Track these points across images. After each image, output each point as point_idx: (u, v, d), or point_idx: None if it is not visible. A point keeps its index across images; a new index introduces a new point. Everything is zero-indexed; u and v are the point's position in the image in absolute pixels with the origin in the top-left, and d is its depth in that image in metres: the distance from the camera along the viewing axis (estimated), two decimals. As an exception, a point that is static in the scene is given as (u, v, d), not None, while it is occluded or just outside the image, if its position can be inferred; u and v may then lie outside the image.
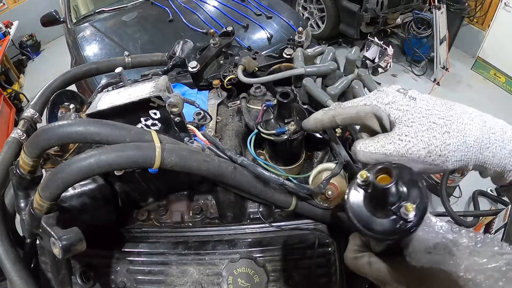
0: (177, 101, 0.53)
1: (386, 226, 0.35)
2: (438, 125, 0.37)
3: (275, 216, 0.68)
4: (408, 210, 0.33)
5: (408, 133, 0.37)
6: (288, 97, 0.58)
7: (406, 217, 0.33)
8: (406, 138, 0.37)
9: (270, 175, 0.56)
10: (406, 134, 0.37)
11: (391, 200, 0.34)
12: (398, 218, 0.34)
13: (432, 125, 0.37)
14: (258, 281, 0.60)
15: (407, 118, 0.38)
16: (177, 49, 0.93)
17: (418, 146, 0.37)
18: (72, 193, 0.60)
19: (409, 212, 0.33)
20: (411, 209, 0.33)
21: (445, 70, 3.93)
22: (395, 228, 0.34)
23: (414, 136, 0.37)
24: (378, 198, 0.35)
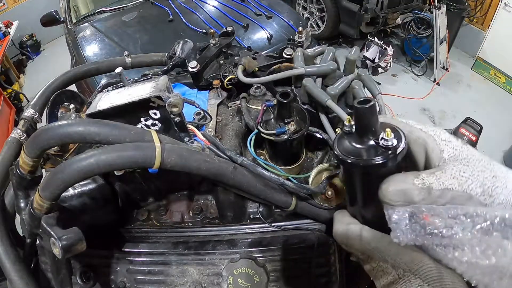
0: (177, 101, 0.53)
1: (365, 152, 0.37)
2: (488, 169, 0.39)
3: (275, 216, 0.68)
4: (387, 135, 0.36)
5: (466, 171, 0.38)
6: (288, 97, 0.58)
7: (385, 143, 0.36)
8: (465, 175, 0.38)
9: (270, 175, 0.56)
10: (464, 171, 0.38)
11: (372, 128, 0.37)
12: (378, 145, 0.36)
13: (483, 168, 0.39)
14: (258, 281, 0.60)
15: (463, 158, 0.39)
16: (177, 49, 0.93)
17: (475, 184, 0.38)
18: (72, 193, 0.60)
19: (387, 136, 0.36)
20: (389, 134, 0.36)
21: (445, 70, 3.93)
22: (374, 154, 0.36)
23: (471, 175, 0.38)
24: (360, 126, 0.38)
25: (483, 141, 2.21)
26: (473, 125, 2.18)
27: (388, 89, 3.71)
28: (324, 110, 0.68)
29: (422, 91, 3.76)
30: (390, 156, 0.36)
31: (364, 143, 0.38)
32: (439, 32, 3.62)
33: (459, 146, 0.40)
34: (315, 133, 0.68)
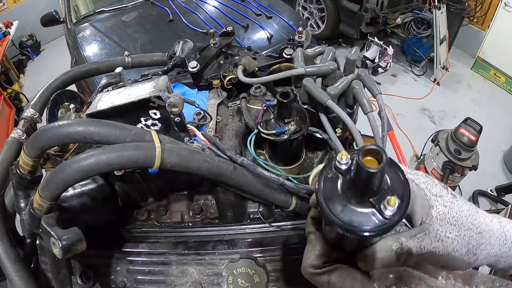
0: (177, 101, 0.53)
1: (363, 218, 0.31)
2: (475, 226, 0.39)
3: (275, 216, 0.68)
4: (390, 204, 0.30)
5: (452, 231, 0.38)
6: (288, 97, 0.58)
7: (385, 211, 0.30)
8: (451, 235, 0.38)
9: (270, 175, 0.56)
10: (451, 232, 0.38)
11: (373, 189, 0.31)
12: (377, 211, 0.31)
13: (470, 225, 0.39)
14: (258, 281, 0.60)
15: (451, 216, 0.38)
16: (177, 49, 0.93)
17: (460, 244, 0.38)
18: (72, 193, 0.60)
19: (390, 206, 0.30)
20: (393, 204, 0.30)
21: (445, 70, 3.93)
22: (368, 221, 0.30)
23: (458, 235, 0.38)
24: (359, 185, 0.31)
25: (483, 141, 2.21)
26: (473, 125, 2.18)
27: (388, 89, 3.71)
28: (324, 110, 0.68)
29: (422, 91, 3.76)
30: (387, 226, 0.30)
31: (360, 204, 0.31)
32: (439, 32, 3.62)
33: (449, 202, 0.39)
34: (315, 133, 0.68)
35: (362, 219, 0.31)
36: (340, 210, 0.31)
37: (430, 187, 0.40)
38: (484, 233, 0.39)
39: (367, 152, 0.30)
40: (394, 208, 0.30)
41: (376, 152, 0.30)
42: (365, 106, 0.63)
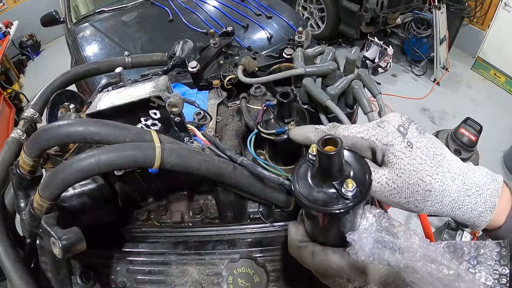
0: (177, 101, 0.53)
1: (324, 197, 0.36)
2: (424, 183, 0.39)
3: (275, 216, 0.68)
4: (348, 186, 0.34)
5: (396, 181, 0.39)
6: (288, 97, 0.58)
7: (345, 193, 0.35)
8: (393, 185, 0.39)
9: (270, 174, 0.56)
10: (394, 181, 0.39)
11: (335, 173, 0.36)
12: (337, 193, 0.35)
13: (418, 181, 0.39)
14: (258, 281, 0.60)
15: (399, 168, 0.39)
16: (177, 49, 0.93)
17: (400, 195, 0.39)
18: (72, 193, 0.60)
19: (348, 188, 0.34)
20: (351, 186, 0.34)
21: (445, 70, 3.93)
22: (331, 201, 0.35)
23: (401, 186, 0.39)
24: (322, 169, 0.36)
25: (483, 141, 2.21)
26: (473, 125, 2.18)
27: (388, 89, 3.71)
28: (324, 110, 0.68)
29: (422, 91, 3.76)
30: (349, 206, 0.35)
31: (325, 187, 0.37)
32: (439, 32, 3.62)
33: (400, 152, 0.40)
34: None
35: (326, 199, 0.36)
36: (308, 193, 0.37)
37: (380, 137, 0.41)
38: (435, 191, 0.39)
39: (326, 141, 0.36)
40: (352, 189, 0.35)
41: (333, 140, 0.36)
42: (365, 106, 0.63)
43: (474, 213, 0.40)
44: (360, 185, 0.36)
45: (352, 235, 0.37)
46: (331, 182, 0.36)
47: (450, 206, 0.40)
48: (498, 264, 0.36)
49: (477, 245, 0.38)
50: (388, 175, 0.40)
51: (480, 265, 0.36)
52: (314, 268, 0.42)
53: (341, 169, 0.36)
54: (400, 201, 0.40)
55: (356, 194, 0.35)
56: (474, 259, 0.37)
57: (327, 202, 0.35)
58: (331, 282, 0.42)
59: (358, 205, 0.35)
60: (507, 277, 0.35)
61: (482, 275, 0.35)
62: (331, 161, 0.35)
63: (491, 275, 0.35)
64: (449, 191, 0.40)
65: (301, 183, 0.38)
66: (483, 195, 0.40)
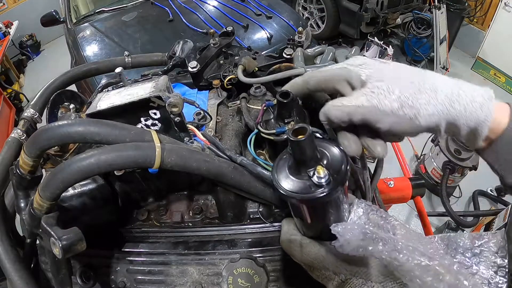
0: (177, 101, 0.53)
1: (299, 186, 0.36)
2: (412, 84, 0.38)
3: (275, 216, 0.68)
4: (319, 172, 0.34)
5: (380, 86, 0.38)
6: (288, 97, 0.58)
7: (317, 180, 0.35)
8: (378, 90, 0.38)
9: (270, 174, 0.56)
10: (378, 87, 0.38)
11: (308, 161, 0.36)
12: (311, 181, 0.35)
13: (404, 83, 0.38)
14: (258, 281, 0.60)
15: (378, 75, 0.39)
16: (177, 49, 0.93)
17: (390, 97, 0.37)
18: (72, 193, 0.60)
19: (319, 175, 0.34)
20: (321, 173, 0.34)
21: (445, 70, 3.93)
22: (306, 190, 0.35)
23: (386, 89, 0.37)
24: (296, 158, 0.37)
25: (483, 141, 2.21)
26: (473, 125, 2.18)
27: (388, 89, 3.70)
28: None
29: (422, 91, 3.76)
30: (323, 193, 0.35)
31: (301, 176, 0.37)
32: (439, 32, 3.62)
33: (376, 65, 0.40)
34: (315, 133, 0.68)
35: (300, 186, 0.36)
36: (284, 181, 0.38)
37: (352, 61, 0.42)
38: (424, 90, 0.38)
39: (296, 130, 0.37)
40: (323, 176, 0.35)
41: (303, 129, 0.36)
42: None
43: (475, 105, 0.38)
44: (335, 172, 0.36)
45: (336, 227, 0.37)
46: (305, 171, 0.36)
47: (447, 100, 0.38)
48: (495, 256, 0.35)
49: (472, 236, 0.37)
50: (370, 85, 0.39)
51: (476, 257, 0.36)
52: (302, 260, 0.43)
53: (313, 157, 0.37)
54: (393, 106, 0.37)
55: (328, 181, 0.35)
56: (468, 251, 0.36)
57: (302, 191, 0.36)
58: (318, 275, 0.43)
59: (332, 192, 0.35)
60: (505, 269, 0.35)
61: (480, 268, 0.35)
62: (302, 149, 0.35)
63: (488, 267, 0.35)
64: (441, 87, 0.38)
65: (280, 173, 0.39)
66: (477, 90, 0.40)
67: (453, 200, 2.49)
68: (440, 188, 2.19)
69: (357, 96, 0.39)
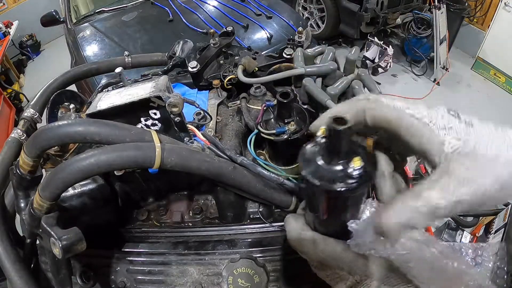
0: (177, 101, 0.53)
1: (329, 176, 0.34)
2: (501, 156, 0.31)
3: (275, 216, 0.68)
4: (355, 163, 0.33)
5: (475, 168, 0.30)
6: (288, 97, 0.58)
7: (351, 171, 0.33)
8: (476, 174, 0.30)
9: (270, 174, 0.56)
10: (474, 167, 0.30)
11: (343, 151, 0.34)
12: (343, 172, 0.34)
13: (494, 156, 0.31)
14: (258, 281, 0.60)
15: (469, 150, 0.30)
16: (177, 49, 0.93)
17: (490, 181, 0.30)
18: (72, 193, 0.60)
19: (355, 166, 0.33)
20: (358, 164, 0.33)
21: (445, 70, 3.93)
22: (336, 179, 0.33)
23: (482, 170, 0.30)
24: (331, 147, 0.35)
25: (483, 141, 2.21)
26: (473, 125, 2.18)
27: (388, 89, 3.70)
28: (324, 110, 0.68)
29: (422, 91, 3.76)
30: (353, 186, 0.33)
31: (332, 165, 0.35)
32: (439, 32, 3.62)
33: (463, 132, 0.31)
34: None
35: (330, 177, 0.34)
36: (314, 171, 0.35)
37: (435, 120, 0.32)
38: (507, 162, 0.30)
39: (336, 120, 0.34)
40: (359, 167, 0.33)
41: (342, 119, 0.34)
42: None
43: None
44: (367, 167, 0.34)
45: (353, 224, 0.36)
46: (338, 161, 0.35)
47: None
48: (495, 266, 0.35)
49: (475, 247, 0.37)
50: (462, 167, 0.30)
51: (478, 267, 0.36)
52: (315, 258, 0.40)
53: (350, 148, 0.35)
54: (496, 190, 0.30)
55: (361, 174, 0.33)
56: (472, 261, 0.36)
57: (331, 180, 0.34)
58: (330, 274, 0.40)
59: (363, 185, 0.33)
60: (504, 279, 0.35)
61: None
62: (342, 139, 0.33)
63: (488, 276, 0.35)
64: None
65: (307, 162, 0.36)
66: None
67: (453, 200, 2.49)
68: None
69: (454, 189, 0.29)
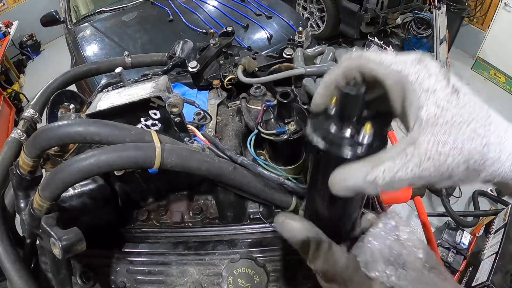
0: (177, 101, 0.53)
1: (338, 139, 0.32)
2: (479, 136, 0.30)
3: (275, 216, 0.68)
4: (366, 130, 0.31)
5: (446, 142, 0.29)
6: (288, 97, 0.58)
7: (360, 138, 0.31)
8: (444, 149, 0.29)
9: (270, 174, 0.56)
10: (444, 144, 0.29)
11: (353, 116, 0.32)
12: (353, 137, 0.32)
13: (472, 134, 0.29)
14: (258, 281, 0.60)
15: (446, 121, 0.29)
16: (177, 49, 0.93)
17: (458, 160, 0.29)
18: (72, 193, 0.60)
19: (366, 133, 0.31)
20: (369, 130, 0.31)
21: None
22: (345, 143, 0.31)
23: (453, 147, 0.29)
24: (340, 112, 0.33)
25: (483, 141, 2.21)
26: (473, 125, 2.18)
27: (388, 89, 3.70)
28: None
29: (422, 91, 3.75)
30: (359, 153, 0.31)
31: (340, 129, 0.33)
32: (439, 32, 3.62)
33: (445, 100, 0.29)
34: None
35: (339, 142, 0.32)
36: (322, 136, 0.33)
37: (421, 78, 0.30)
38: (491, 145, 0.30)
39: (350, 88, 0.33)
40: (369, 134, 0.31)
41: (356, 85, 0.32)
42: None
43: None
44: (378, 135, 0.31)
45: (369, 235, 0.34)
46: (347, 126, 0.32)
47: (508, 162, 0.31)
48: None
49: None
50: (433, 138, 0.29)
51: None
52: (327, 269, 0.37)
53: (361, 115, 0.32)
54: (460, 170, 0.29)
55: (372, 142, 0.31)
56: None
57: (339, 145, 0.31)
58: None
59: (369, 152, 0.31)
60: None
61: None
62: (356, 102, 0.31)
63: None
64: (505, 144, 0.31)
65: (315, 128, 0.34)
66: None
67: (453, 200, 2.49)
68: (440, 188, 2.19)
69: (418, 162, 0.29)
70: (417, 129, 0.29)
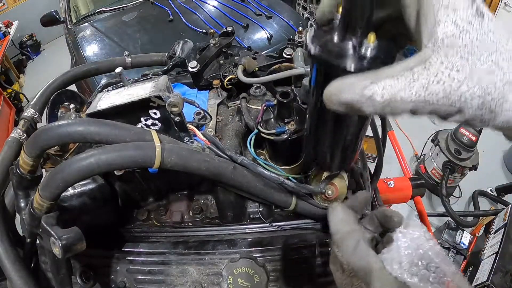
0: (177, 101, 0.53)
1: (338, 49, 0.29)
2: (501, 70, 0.25)
3: (275, 216, 0.68)
4: (369, 40, 0.28)
5: (461, 69, 0.24)
6: (288, 97, 0.58)
7: (365, 52, 0.29)
8: (459, 76, 0.24)
9: (270, 174, 0.56)
10: (458, 70, 0.24)
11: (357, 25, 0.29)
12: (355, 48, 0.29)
13: (493, 67, 0.25)
14: (258, 281, 0.60)
15: (464, 45, 0.24)
16: (177, 49, 0.94)
17: (472, 91, 0.25)
18: (72, 193, 0.60)
19: (369, 43, 0.28)
20: (372, 40, 0.28)
21: (445, 70, 3.92)
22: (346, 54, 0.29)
23: (469, 77, 0.24)
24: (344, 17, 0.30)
25: (483, 141, 2.21)
26: (473, 125, 2.18)
27: (388, 89, 3.70)
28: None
29: (422, 91, 3.76)
30: (359, 66, 0.28)
31: (342, 39, 0.30)
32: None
33: (466, 21, 0.25)
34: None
35: (339, 52, 0.29)
36: (322, 45, 0.30)
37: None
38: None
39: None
40: (373, 46, 0.29)
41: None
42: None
43: None
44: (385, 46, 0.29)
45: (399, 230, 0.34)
46: (351, 38, 0.29)
47: None
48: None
49: None
50: (446, 62, 0.24)
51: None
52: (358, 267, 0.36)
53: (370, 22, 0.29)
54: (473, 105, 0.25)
55: (375, 54, 0.28)
56: None
57: (340, 55, 0.29)
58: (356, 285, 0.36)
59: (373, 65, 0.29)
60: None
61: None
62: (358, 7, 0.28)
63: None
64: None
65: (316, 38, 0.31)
66: None
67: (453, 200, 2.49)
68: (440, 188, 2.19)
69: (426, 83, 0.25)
70: (431, 47, 0.25)
